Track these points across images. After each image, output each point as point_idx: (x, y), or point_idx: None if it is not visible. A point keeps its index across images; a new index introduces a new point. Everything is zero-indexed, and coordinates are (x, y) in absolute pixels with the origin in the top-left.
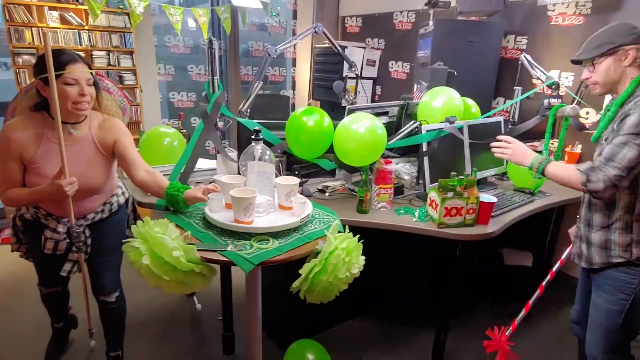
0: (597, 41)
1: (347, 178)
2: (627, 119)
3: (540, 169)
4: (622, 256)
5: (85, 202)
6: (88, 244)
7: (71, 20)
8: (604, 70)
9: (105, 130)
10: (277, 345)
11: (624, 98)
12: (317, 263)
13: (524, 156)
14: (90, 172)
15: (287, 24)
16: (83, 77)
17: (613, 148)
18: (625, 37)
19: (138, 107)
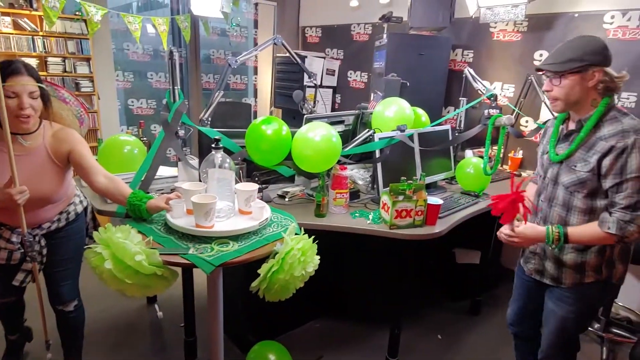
0: (568, 55)
1: (305, 184)
2: (624, 158)
3: (562, 239)
4: (593, 276)
5: (39, 211)
6: (43, 253)
7: (25, 25)
8: (569, 88)
9: (59, 140)
10: (239, 348)
11: (593, 123)
12: (274, 263)
13: (534, 240)
14: (43, 182)
15: (249, 33)
16: (24, 90)
17: (631, 196)
18: (595, 56)
19: (96, 115)
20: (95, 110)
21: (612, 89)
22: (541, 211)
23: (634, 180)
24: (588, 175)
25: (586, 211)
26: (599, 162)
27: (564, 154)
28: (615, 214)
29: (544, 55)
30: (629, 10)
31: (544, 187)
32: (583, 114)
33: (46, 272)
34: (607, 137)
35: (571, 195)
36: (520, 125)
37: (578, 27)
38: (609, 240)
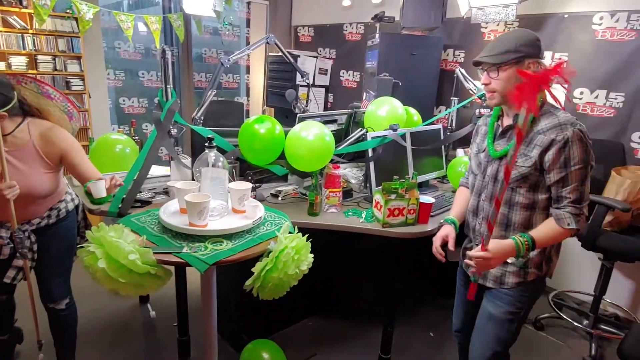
0: (505, 46)
1: (298, 183)
2: (567, 151)
3: (531, 247)
4: (535, 273)
5: (29, 206)
6: (34, 249)
7: (14, 23)
8: (506, 80)
9: (48, 142)
10: (232, 347)
11: (533, 117)
12: (268, 261)
13: (506, 255)
14: (31, 177)
15: (241, 32)
16: None
17: (578, 188)
18: (530, 47)
19: (86, 113)
20: (86, 109)
21: None
22: (482, 211)
23: (577, 172)
24: (530, 170)
25: (528, 206)
26: (541, 157)
27: (506, 149)
28: (567, 208)
29: None
30: (617, 11)
31: (483, 186)
32: (519, 108)
33: (37, 269)
34: (545, 130)
35: (512, 192)
36: None
37: (568, 27)
38: (567, 235)
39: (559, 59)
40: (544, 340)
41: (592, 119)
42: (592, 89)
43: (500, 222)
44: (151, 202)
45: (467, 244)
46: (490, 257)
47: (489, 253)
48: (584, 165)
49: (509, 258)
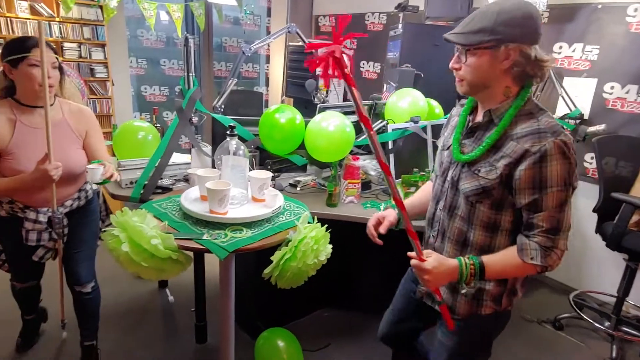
0: (480, 23)
1: (317, 173)
2: (543, 169)
3: (478, 274)
4: (491, 307)
5: (65, 187)
6: (65, 232)
7: (41, 11)
8: (475, 67)
9: (77, 118)
10: (248, 334)
11: (509, 120)
12: (287, 250)
13: (447, 276)
14: (69, 154)
15: (262, 21)
16: (48, 60)
17: (554, 215)
18: (511, 28)
19: (109, 101)
20: (110, 96)
21: (532, 76)
22: (439, 223)
23: (555, 195)
24: (493, 184)
25: (488, 226)
26: (509, 170)
27: (472, 156)
28: (535, 238)
29: (564, 48)
30: None
31: (442, 193)
32: (493, 104)
33: (65, 252)
34: (519, 136)
35: (472, 207)
36: None
37: (600, 18)
38: (531, 271)
39: (590, 51)
40: (562, 341)
41: (622, 115)
42: (623, 84)
43: (457, 240)
44: (172, 188)
45: None
46: (426, 270)
47: (428, 265)
48: (563, 187)
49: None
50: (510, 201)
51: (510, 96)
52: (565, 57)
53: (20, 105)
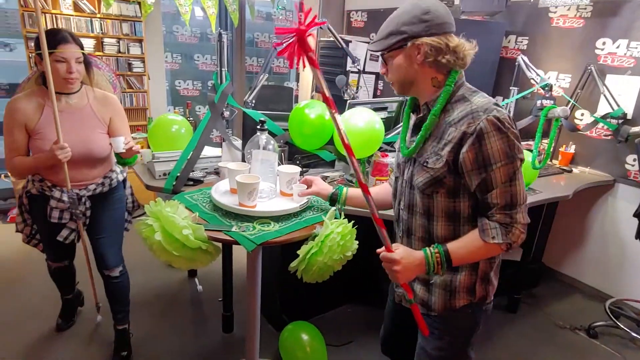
0: (387, 28)
1: (345, 169)
2: (483, 147)
3: (444, 262)
4: (465, 298)
5: (87, 170)
6: (87, 215)
7: (84, 7)
8: (397, 68)
9: (102, 105)
10: (273, 327)
11: (441, 107)
12: (314, 245)
13: (415, 267)
14: (92, 138)
15: (294, 17)
16: (72, 56)
17: (505, 190)
18: (414, 25)
19: (145, 94)
20: (145, 90)
21: (452, 63)
22: (403, 222)
23: (501, 170)
24: (442, 173)
25: (449, 216)
26: (454, 155)
27: (412, 148)
28: (494, 217)
29: (607, 44)
30: None
31: (402, 192)
32: (427, 97)
33: (91, 237)
34: (456, 121)
35: (429, 199)
36: (574, 118)
37: None
38: (496, 251)
39: (635, 47)
40: (597, 349)
41: None
42: None
43: (422, 236)
44: (203, 181)
45: None
46: (395, 260)
47: (396, 255)
48: (508, 160)
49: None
50: (465, 187)
51: (440, 85)
52: (608, 53)
53: (46, 91)
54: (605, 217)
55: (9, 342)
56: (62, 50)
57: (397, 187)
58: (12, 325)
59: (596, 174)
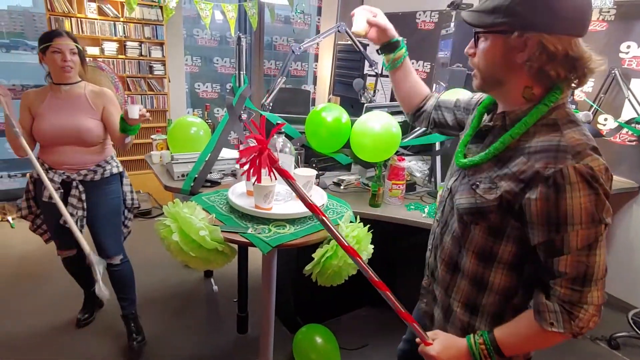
0: (495, 1)
1: (361, 173)
2: (560, 201)
3: (492, 353)
4: None
5: (79, 154)
6: (83, 199)
7: (108, 11)
8: (487, 56)
9: (97, 95)
10: (288, 329)
11: (524, 129)
12: (329, 248)
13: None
14: (82, 119)
15: (312, 20)
16: (66, 48)
17: (579, 259)
18: (534, 11)
19: (165, 97)
20: (166, 93)
21: (559, 78)
22: (435, 236)
23: (579, 234)
24: (490, 207)
25: (482, 255)
26: (513, 195)
27: (470, 161)
28: (556, 291)
29: (632, 47)
30: None
31: (442, 201)
32: (509, 106)
33: (90, 226)
34: (531, 151)
35: (465, 227)
36: (597, 124)
37: None
38: (557, 339)
39: None
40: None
41: None
42: None
43: (448, 261)
44: (220, 182)
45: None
46: (432, 357)
47: (433, 350)
48: (592, 224)
49: None
50: (515, 231)
51: (532, 99)
52: (633, 57)
53: (53, 85)
54: (630, 225)
55: (27, 334)
56: (58, 43)
57: (443, 192)
58: (33, 317)
59: (620, 181)
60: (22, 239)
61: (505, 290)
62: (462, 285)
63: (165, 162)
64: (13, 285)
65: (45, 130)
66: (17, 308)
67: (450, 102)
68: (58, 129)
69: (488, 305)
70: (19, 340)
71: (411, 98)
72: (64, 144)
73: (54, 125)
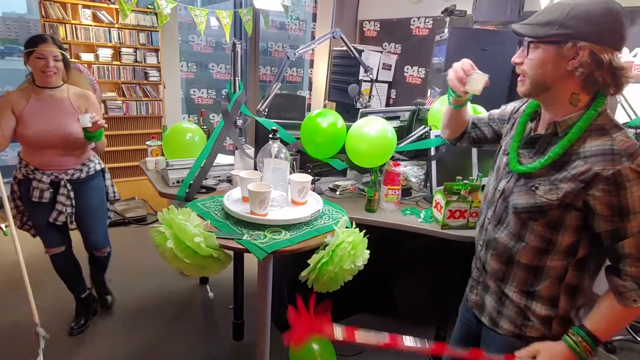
0: (550, 15)
1: (357, 178)
2: (622, 196)
3: (592, 345)
4: (538, 330)
5: (67, 156)
6: (71, 197)
7: (103, 18)
8: (539, 63)
9: (80, 97)
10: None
11: (578, 134)
12: (324, 254)
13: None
14: (69, 124)
15: (307, 26)
16: (49, 54)
17: (638, 240)
18: (586, 25)
19: (160, 103)
20: (161, 99)
21: (604, 84)
22: (485, 232)
23: (638, 219)
24: (552, 205)
25: (540, 247)
26: (575, 194)
27: (531, 168)
28: (628, 271)
29: (624, 53)
30: None
31: (492, 201)
32: (559, 114)
33: (79, 222)
34: (589, 155)
35: (523, 224)
36: None
37: None
38: (637, 315)
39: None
40: None
41: None
42: None
43: (501, 253)
44: (215, 188)
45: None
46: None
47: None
48: None
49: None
50: (571, 222)
51: (579, 105)
52: (625, 62)
53: (35, 87)
54: None
55: (19, 343)
56: (42, 49)
57: (489, 189)
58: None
59: None
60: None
61: (559, 274)
62: (519, 274)
63: (160, 168)
64: (7, 292)
65: (31, 136)
66: (11, 318)
67: (484, 118)
68: (45, 133)
69: (543, 289)
70: (13, 349)
71: (459, 130)
72: (51, 147)
73: (40, 130)
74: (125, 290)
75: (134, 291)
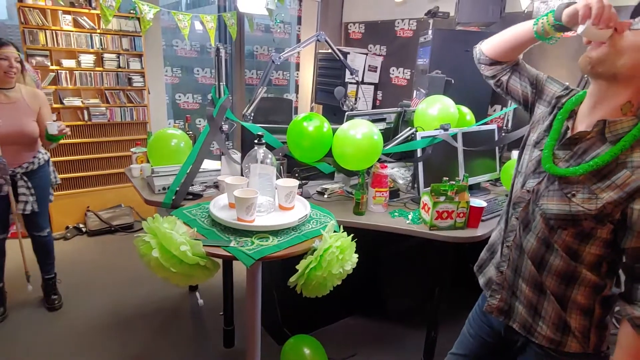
0: None
1: (345, 181)
2: None
3: None
4: (579, 343)
5: (21, 152)
6: (30, 186)
7: (84, 24)
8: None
9: (33, 98)
10: (275, 340)
11: (627, 144)
12: (312, 259)
13: None
14: (28, 123)
15: (292, 29)
16: (12, 56)
17: None
18: None
19: (145, 109)
20: (145, 104)
21: None
22: (514, 233)
23: None
24: (587, 215)
25: (568, 255)
26: (615, 206)
27: (571, 172)
28: None
29: None
30: None
31: (519, 200)
32: (610, 114)
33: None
34: (636, 166)
35: (551, 230)
36: None
37: None
38: None
39: None
40: None
41: None
42: None
43: (534, 257)
44: (202, 195)
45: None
46: None
47: None
48: None
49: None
50: (602, 235)
51: (629, 114)
52: None
53: None
54: None
55: None
56: (5, 51)
57: (515, 184)
58: None
59: None
60: None
61: (594, 285)
62: (551, 280)
63: (145, 175)
64: None
65: None
66: None
67: (534, 73)
68: (4, 133)
69: (579, 297)
70: None
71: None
72: (8, 144)
73: (1, 130)
74: (114, 299)
75: (123, 299)
